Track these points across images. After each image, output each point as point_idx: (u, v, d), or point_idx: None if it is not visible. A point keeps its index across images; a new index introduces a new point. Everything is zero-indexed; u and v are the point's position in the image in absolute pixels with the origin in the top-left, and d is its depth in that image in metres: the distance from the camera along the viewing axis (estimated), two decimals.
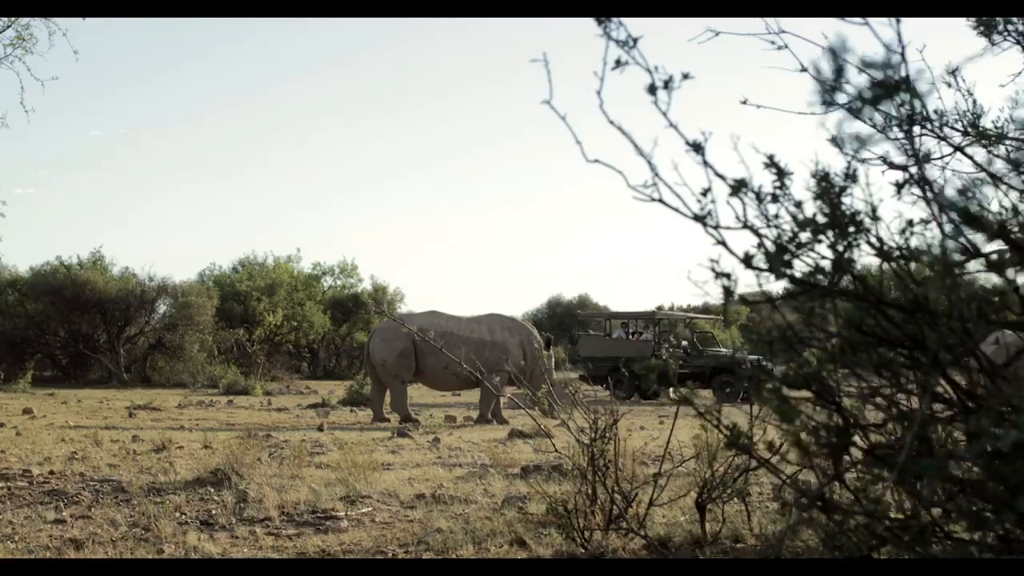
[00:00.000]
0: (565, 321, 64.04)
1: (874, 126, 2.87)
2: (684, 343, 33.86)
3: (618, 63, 2.60)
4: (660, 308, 65.01)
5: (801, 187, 2.70)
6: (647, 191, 2.58)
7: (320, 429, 16.30)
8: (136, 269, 42.98)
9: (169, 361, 39.26)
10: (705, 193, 2.59)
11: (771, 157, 2.68)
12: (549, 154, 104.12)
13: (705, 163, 2.60)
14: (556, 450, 6.76)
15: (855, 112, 2.62)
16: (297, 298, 48.77)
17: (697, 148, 2.60)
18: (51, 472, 10.16)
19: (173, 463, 10.99)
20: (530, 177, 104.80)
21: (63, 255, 44.63)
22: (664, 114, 2.59)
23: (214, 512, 7.76)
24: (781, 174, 2.64)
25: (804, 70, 4.42)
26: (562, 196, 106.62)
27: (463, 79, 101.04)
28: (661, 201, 2.59)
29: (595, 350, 33.49)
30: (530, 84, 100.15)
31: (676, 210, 2.58)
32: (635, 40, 2.58)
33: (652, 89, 2.58)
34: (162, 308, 41.40)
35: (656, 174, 2.57)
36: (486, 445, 13.26)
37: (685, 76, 2.59)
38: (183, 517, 7.60)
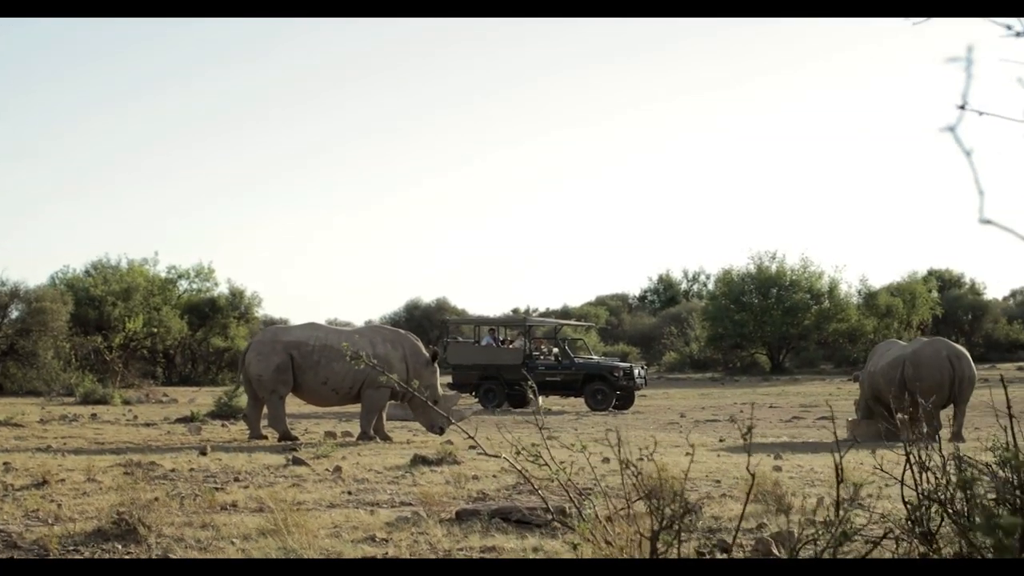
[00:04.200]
0: (423, 325, 63.32)
1: None
2: (555, 351, 33.51)
3: None
4: (516, 311, 65.04)
5: None
6: None
7: (204, 453, 15.33)
8: None
9: (22, 368, 37.47)
10: None
11: None
12: (407, 152, 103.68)
13: None
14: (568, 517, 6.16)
15: None
16: (153, 303, 47.15)
17: None
18: None
19: (60, 504, 10.04)
20: (385, 177, 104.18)
21: None
22: None
23: None
24: None
25: None
26: (419, 196, 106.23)
27: (322, 80, 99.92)
28: None
29: (464, 357, 32.93)
30: (388, 84, 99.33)
31: None
32: None
33: None
34: (14, 313, 39.50)
35: None
36: (391, 475, 12.57)
37: None
38: None
